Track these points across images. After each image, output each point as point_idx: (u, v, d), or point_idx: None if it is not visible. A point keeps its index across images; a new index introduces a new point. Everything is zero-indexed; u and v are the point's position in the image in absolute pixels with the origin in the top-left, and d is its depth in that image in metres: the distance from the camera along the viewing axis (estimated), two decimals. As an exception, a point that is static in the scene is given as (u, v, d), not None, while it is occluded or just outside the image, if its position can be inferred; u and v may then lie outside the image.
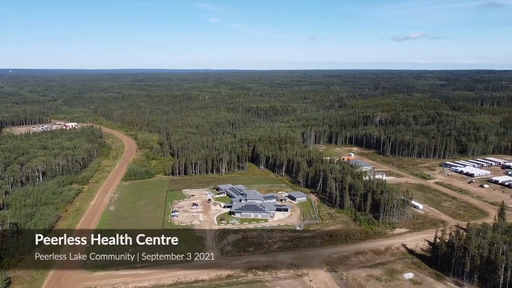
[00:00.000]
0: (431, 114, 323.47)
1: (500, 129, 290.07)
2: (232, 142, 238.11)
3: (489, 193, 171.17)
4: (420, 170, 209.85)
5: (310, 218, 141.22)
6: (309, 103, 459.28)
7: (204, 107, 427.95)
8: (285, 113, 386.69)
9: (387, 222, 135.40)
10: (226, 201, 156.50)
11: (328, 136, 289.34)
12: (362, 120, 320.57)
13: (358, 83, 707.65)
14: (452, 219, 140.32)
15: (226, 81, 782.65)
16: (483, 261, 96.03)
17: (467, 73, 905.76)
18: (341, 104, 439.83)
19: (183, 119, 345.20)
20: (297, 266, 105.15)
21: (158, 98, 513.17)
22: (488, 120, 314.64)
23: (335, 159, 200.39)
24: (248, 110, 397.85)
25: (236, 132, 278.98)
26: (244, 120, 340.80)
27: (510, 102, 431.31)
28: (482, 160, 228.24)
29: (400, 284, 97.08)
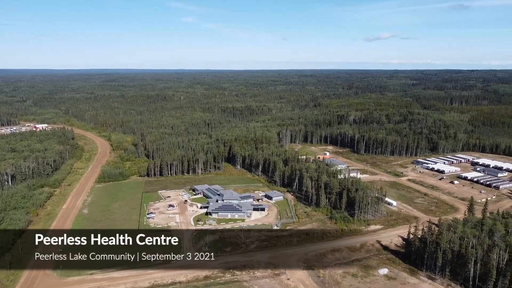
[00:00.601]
0: (403, 113, 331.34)
1: (469, 127, 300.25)
2: (208, 143, 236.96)
3: (459, 189, 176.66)
4: (393, 168, 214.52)
5: (287, 217, 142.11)
6: (284, 102, 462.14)
7: (179, 107, 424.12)
8: (261, 113, 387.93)
9: (362, 219, 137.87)
10: (202, 201, 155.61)
11: (304, 136, 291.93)
12: (337, 119, 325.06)
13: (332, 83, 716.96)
14: (425, 215, 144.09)
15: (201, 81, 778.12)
16: (454, 255, 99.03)
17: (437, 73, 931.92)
18: (316, 103, 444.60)
19: (158, 120, 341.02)
20: (274, 265, 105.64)
21: (132, 98, 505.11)
22: (457, 118, 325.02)
23: (311, 158, 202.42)
24: (224, 110, 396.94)
25: (212, 132, 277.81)
26: (220, 120, 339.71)
27: (477, 100, 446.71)
28: (452, 157, 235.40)
29: (375, 280, 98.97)
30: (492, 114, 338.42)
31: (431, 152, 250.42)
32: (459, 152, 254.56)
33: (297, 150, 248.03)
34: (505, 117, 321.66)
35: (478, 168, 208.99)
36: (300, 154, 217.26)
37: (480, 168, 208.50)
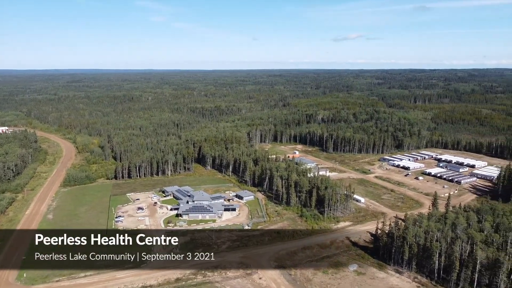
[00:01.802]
0: (370, 112, 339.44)
1: (432, 125, 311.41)
2: (177, 143, 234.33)
3: (423, 184, 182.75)
4: (361, 165, 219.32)
5: (257, 216, 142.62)
6: (253, 102, 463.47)
7: (147, 108, 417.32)
8: (231, 113, 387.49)
9: (332, 216, 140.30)
10: (173, 203, 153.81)
11: (273, 135, 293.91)
12: (306, 119, 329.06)
13: (300, 83, 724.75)
14: (391, 210, 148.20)
15: (170, 81, 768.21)
16: (420, 249, 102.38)
17: (401, 72, 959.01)
18: (285, 103, 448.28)
19: (125, 121, 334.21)
20: (246, 265, 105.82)
21: (98, 99, 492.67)
22: (421, 116, 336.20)
23: (281, 157, 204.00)
24: (193, 111, 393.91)
25: (181, 133, 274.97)
26: (189, 120, 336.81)
27: (439, 99, 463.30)
28: (416, 154, 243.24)
29: (346, 276, 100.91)
30: (453, 112, 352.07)
31: (396, 149, 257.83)
32: (423, 148, 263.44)
33: (267, 149, 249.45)
34: (465, 114, 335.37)
35: (441, 164, 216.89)
36: (270, 153, 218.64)
37: (443, 164, 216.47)
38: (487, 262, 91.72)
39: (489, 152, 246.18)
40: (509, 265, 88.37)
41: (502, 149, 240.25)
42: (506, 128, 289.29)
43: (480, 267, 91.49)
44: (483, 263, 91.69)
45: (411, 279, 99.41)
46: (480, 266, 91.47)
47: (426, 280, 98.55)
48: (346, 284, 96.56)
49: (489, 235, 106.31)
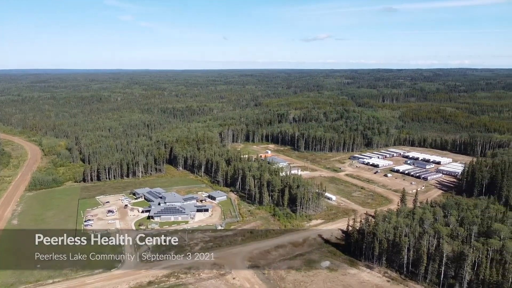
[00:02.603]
0: (340, 111, 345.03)
1: (399, 123, 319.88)
2: (148, 144, 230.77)
3: (392, 181, 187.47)
4: (332, 164, 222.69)
5: (230, 216, 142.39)
6: (225, 102, 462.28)
7: (116, 108, 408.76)
8: (202, 113, 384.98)
9: (304, 214, 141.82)
10: (144, 205, 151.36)
11: (245, 135, 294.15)
12: (277, 118, 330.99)
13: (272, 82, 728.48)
14: (362, 207, 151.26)
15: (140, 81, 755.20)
16: (389, 244, 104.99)
17: (370, 72, 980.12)
18: (256, 103, 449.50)
19: (93, 122, 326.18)
20: (219, 265, 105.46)
21: (65, 100, 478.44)
22: (389, 115, 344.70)
23: (253, 157, 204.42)
24: (164, 111, 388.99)
25: (152, 134, 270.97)
26: (160, 121, 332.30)
27: (406, 98, 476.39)
28: (385, 152, 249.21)
29: (318, 273, 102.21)
30: (420, 110, 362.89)
31: (366, 147, 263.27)
32: (391, 146, 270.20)
33: (239, 149, 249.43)
34: (431, 113, 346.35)
35: (409, 161, 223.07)
36: (242, 153, 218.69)
37: (410, 161, 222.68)
38: (452, 255, 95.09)
39: (453, 149, 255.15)
40: (473, 257, 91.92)
41: (465, 146, 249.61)
42: (469, 125, 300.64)
43: (446, 260, 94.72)
44: (449, 256, 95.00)
45: (381, 274, 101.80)
46: (446, 259, 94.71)
47: (395, 275, 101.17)
48: (318, 281, 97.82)
49: (455, 229, 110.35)
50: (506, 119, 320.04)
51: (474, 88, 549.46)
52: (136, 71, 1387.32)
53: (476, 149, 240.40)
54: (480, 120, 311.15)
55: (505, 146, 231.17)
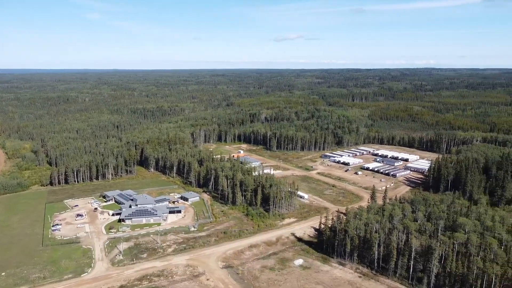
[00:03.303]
0: (311, 110, 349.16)
1: (369, 122, 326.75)
2: (118, 146, 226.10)
3: (362, 179, 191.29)
4: (304, 163, 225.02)
5: (204, 217, 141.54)
6: (197, 102, 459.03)
7: (84, 109, 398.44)
8: (173, 113, 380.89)
9: (277, 213, 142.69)
10: (115, 208, 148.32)
11: (218, 135, 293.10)
12: (249, 118, 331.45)
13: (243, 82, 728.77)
14: (334, 205, 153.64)
15: (108, 82, 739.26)
16: (360, 241, 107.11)
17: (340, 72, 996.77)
18: (228, 102, 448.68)
19: (60, 124, 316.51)
20: (193, 266, 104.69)
21: (29, 101, 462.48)
22: (358, 113, 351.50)
23: (226, 157, 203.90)
24: (134, 112, 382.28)
25: (122, 135, 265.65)
26: (130, 122, 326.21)
27: (375, 97, 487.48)
28: (355, 150, 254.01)
29: (292, 271, 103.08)
30: (388, 109, 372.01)
31: (337, 146, 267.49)
32: (361, 144, 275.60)
33: (212, 149, 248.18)
34: (399, 111, 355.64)
35: (378, 159, 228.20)
36: (214, 153, 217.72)
37: (379, 159, 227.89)
38: (421, 249, 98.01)
39: (420, 146, 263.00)
40: (440, 251, 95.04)
41: (431, 143, 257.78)
42: (434, 123, 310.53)
43: (415, 255, 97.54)
44: (418, 250, 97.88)
45: (353, 270, 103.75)
46: (415, 253, 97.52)
47: (367, 270, 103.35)
48: (292, 279, 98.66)
49: (422, 224, 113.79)
50: (469, 117, 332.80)
51: (439, 87, 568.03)
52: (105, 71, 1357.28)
53: (441, 146, 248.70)
54: (445, 118, 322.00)
55: (469, 143, 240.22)
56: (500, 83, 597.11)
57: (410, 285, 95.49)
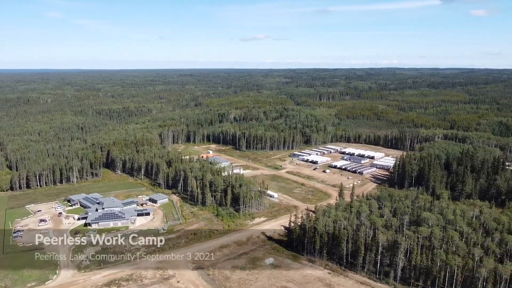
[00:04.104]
0: (279, 110, 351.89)
1: (336, 120, 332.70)
2: (83, 148, 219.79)
3: (330, 177, 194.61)
4: (273, 162, 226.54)
5: (173, 219, 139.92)
6: (164, 102, 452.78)
7: (47, 111, 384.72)
8: (140, 114, 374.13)
9: (247, 213, 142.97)
10: (80, 212, 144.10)
11: (186, 135, 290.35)
12: (218, 118, 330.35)
13: (212, 82, 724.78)
14: (303, 203, 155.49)
15: (72, 82, 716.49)
16: (329, 237, 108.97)
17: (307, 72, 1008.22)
18: (196, 103, 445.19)
19: (20, 126, 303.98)
20: (163, 269, 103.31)
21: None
22: (326, 113, 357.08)
23: (195, 158, 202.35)
24: (99, 113, 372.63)
25: (87, 137, 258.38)
26: (95, 123, 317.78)
27: (341, 96, 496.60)
28: (323, 148, 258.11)
29: (263, 270, 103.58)
30: (354, 108, 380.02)
31: (305, 145, 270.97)
32: (329, 143, 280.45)
33: (180, 150, 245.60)
34: (364, 110, 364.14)
35: (345, 157, 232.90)
36: (183, 154, 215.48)
37: (347, 157, 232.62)
38: (387, 244, 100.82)
39: (385, 144, 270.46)
40: (406, 245, 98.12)
41: (396, 140, 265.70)
42: (398, 121, 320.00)
43: (382, 249, 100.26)
44: (384, 245, 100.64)
45: (323, 267, 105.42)
46: (381, 248, 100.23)
47: (336, 266, 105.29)
48: (263, 278, 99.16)
49: (388, 220, 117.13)
50: (431, 115, 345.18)
51: (402, 86, 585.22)
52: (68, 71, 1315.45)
53: (405, 143, 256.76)
54: (408, 116, 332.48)
55: (431, 140, 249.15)
56: (459, 82, 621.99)
57: (378, 279, 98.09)
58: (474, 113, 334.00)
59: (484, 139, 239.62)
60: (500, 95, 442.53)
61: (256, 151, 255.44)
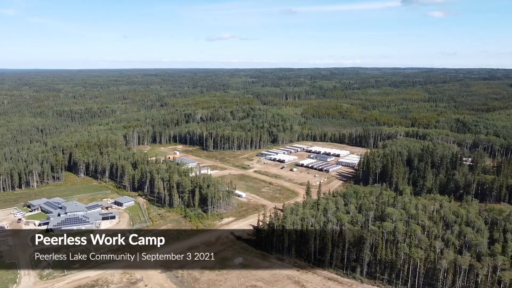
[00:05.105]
0: (246, 109, 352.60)
1: (302, 119, 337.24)
2: (43, 151, 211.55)
3: (297, 175, 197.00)
4: (241, 161, 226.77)
5: (140, 221, 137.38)
6: (129, 103, 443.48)
7: (3, 112, 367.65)
8: (104, 115, 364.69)
9: (216, 213, 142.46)
10: (41, 218, 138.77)
11: (152, 136, 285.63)
12: (184, 118, 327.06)
13: (177, 82, 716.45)
14: (271, 202, 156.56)
15: (30, 82, 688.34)
16: (297, 235, 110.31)
17: (273, 71, 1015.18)
18: (162, 103, 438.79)
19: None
20: (130, 273, 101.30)
21: None
22: (292, 112, 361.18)
23: (161, 159, 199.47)
24: (60, 114, 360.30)
25: (48, 139, 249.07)
26: (56, 125, 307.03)
27: (307, 95, 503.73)
28: (290, 147, 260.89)
29: (232, 270, 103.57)
30: (319, 107, 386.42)
31: (272, 144, 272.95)
32: (295, 142, 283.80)
33: (146, 151, 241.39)
34: (329, 109, 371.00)
35: (312, 155, 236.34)
36: (149, 155, 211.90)
37: (313, 155, 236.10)
38: (353, 240, 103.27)
39: (350, 142, 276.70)
40: (371, 240, 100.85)
41: (360, 138, 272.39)
42: (362, 120, 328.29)
43: (348, 245, 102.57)
44: (351, 241, 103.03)
45: (292, 264, 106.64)
46: (348, 244, 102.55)
47: (304, 263, 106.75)
48: (232, 278, 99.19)
49: (354, 216, 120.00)
50: (393, 113, 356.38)
51: (365, 85, 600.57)
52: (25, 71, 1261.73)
53: (369, 141, 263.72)
54: (371, 115, 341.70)
55: (393, 137, 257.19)
56: (419, 81, 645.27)
57: (345, 275, 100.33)
58: (433, 111, 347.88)
59: (443, 136, 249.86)
60: (457, 94, 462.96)
61: (223, 151, 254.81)
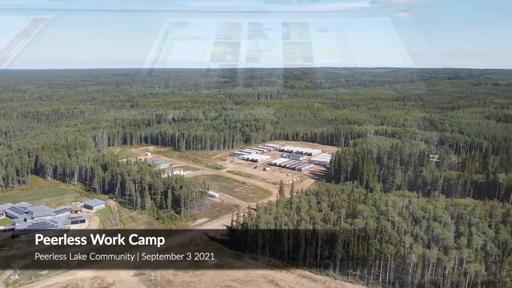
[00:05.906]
0: (218, 109, 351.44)
1: (274, 119, 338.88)
2: (7, 154, 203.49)
3: (270, 174, 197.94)
4: (213, 162, 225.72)
5: (111, 225, 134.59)
6: (98, 104, 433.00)
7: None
8: (72, 116, 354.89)
9: (189, 215, 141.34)
10: (6, 223, 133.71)
11: (123, 137, 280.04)
12: (156, 119, 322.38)
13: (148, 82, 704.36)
14: (244, 202, 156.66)
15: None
16: (271, 234, 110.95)
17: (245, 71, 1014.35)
18: (132, 103, 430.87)
19: None
20: (101, 278, 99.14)
21: None
22: (264, 111, 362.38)
23: (132, 160, 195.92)
24: (25, 116, 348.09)
25: (12, 142, 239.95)
26: (21, 127, 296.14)
27: (279, 95, 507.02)
28: (263, 147, 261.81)
29: (206, 271, 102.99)
30: (291, 106, 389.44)
31: (245, 144, 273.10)
32: (268, 141, 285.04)
33: (117, 153, 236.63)
34: (301, 108, 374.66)
35: (284, 155, 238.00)
36: (120, 157, 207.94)
37: (285, 154, 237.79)
38: (326, 237, 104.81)
39: (322, 140, 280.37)
40: (343, 237, 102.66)
41: (332, 137, 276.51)
42: (333, 119, 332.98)
43: (321, 243, 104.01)
44: (324, 238, 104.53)
45: (266, 263, 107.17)
46: (321, 241, 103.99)
47: (278, 262, 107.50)
48: (207, 279, 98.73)
49: (327, 214, 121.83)
50: (363, 112, 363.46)
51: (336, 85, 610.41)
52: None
53: (340, 140, 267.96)
54: (342, 114, 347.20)
55: (363, 136, 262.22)
56: (388, 80, 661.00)
57: (319, 272, 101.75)
58: (401, 110, 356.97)
59: (410, 133, 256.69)
60: (423, 93, 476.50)
61: (196, 151, 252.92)
